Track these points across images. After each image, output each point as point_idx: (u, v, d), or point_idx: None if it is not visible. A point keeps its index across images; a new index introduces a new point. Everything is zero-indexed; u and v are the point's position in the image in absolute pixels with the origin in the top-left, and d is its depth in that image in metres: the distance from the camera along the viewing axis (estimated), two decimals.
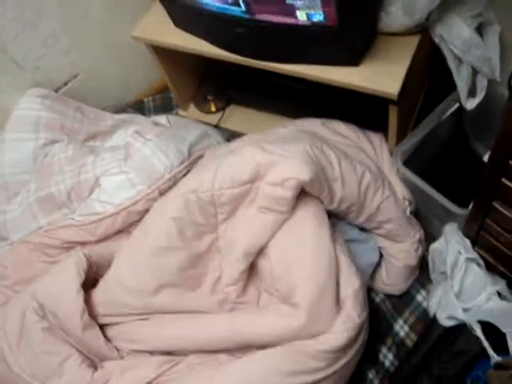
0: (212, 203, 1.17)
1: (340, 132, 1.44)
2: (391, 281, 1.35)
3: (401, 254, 1.33)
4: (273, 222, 1.15)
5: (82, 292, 1.16)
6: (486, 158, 1.42)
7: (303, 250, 1.12)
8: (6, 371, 1.17)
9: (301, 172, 1.08)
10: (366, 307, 1.12)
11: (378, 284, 1.38)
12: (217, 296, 1.22)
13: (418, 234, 1.34)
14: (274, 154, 1.13)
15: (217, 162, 1.18)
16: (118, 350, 1.21)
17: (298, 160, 1.11)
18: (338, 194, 1.20)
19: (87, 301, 1.18)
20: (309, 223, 1.15)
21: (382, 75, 1.19)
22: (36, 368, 1.16)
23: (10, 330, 1.18)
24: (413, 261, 1.33)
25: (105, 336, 1.20)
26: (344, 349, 1.07)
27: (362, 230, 1.34)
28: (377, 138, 1.43)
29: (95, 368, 1.18)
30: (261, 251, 1.19)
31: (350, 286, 1.11)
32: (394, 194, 1.32)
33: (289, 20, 1.14)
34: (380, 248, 1.36)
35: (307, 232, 1.14)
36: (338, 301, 1.11)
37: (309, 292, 1.08)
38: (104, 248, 1.30)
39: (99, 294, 1.21)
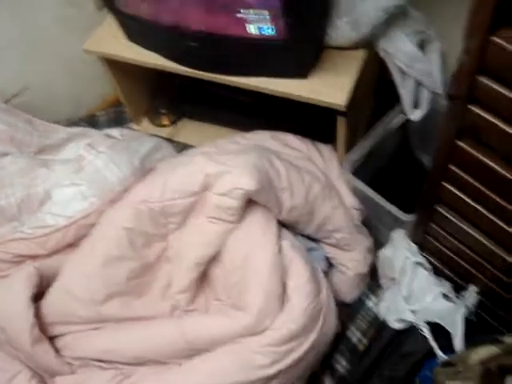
0: (163, 213, 1.19)
1: (290, 144, 1.47)
2: (343, 289, 1.37)
3: (351, 262, 1.35)
4: (222, 232, 1.17)
5: (32, 306, 1.14)
6: (427, 164, 1.48)
7: (252, 256, 1.15)
8: None
9: (247, 182, 1.11)
10: (315, 299, 1.13)
11: None
12: (167, 302, 1.22)
13: (367, 242, 1.38)
14: (222, 165, 1.15)
15: (166, 173, 1.20)
16: (68, 363, 1.19)
17: (245, 171, 1.13)
18: (286, 204, 1.22)
19: (38, 315, 1.16)
20: (256, 228, 1.18)
21: (329, 87, 1.23)
22: None
23: None
24: (363, 269, 1.37)
25: (55, 349, 1.18)
26: (288, 341, 1.08)
27: (311, 239, 1.37)
28: (326, 149, 1.47)
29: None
30: (213, 259, 1.20)
31: (297, 279, 1.14)
32: (343, 204, 1.36)
33: (240, 34, 1.17)
34: (330, 258, 1.38)
35: (254, 236, 1.17)
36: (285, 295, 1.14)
37: (258, 296, 1.11)
38: (55, 261, 1.27)
39: (47, 304, 1.19)
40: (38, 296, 1.19)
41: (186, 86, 1.61)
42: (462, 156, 0.89)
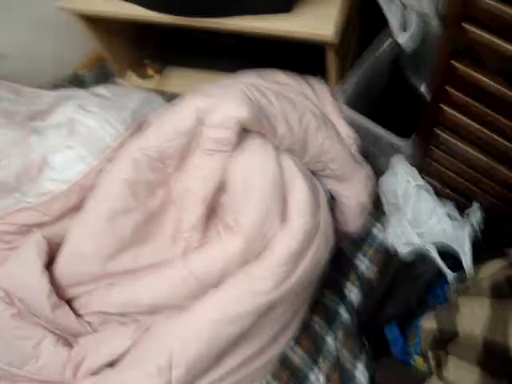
0: (160, 158, 1.19)
1: (279, 81, 1.45)
2: (346, 219, 1.39)
3: (350, 192, 1.36)
4: (221, 162, 1.18)
5: (45, 274, 1.16)
6: (422, 89, 1.47)
7: (252, 177, 1.16)
8: None
9: (239, 110, 1.10)
10: (313, 216, 1.15)
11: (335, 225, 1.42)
12: (179, 245, 1.24)
13: (364, 170, 1.38)
14: (212, 97, 1.15)
15: (159, 119, 1.21)
16: (88, 322, 1.22)
17: (236, 100, 1.12)
18: (279, 131, 1.21)
19: (52, 281, 1.18)
20: (253, 151, 1.18)
21: (315, 19, 1.20)
22: (11, 355, 1.15)
23: None
24: (363, 197, 1.38)
25: (74, 311, 1.21)
26: (289, 261, 1.11)
27: None
28: (317, 82, 1.45)
29: (70, 346, 1.19)
30: (219, 190, 1.21)
31: (296, 195, 1.16)
32: (338, 135, 1.36)
33: None
34: (330, 190, 1.39)
35: (252, 158, 1.18)
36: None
37: (250, 216, 1.13)
38: (61, 227, 1.28)
39: (59, 268, 1.20)
40: (48, 263, 1.20)
41: (168, 33, 1.57)
42: (459, 76, 0.88)
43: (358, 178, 1.36)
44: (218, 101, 1.13)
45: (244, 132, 1.16)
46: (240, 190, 1.17)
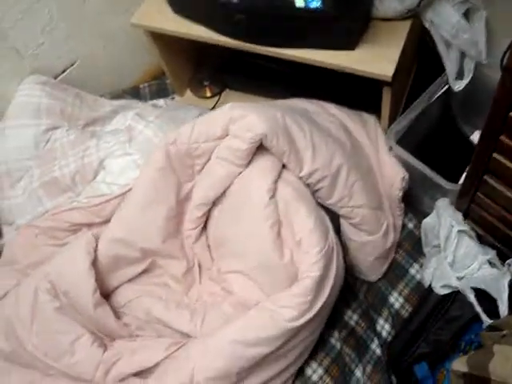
0: (189, 155, 1.24)
1: (327, 109, 1.48)
2: (365, 272, 1.40)
3: (369, 247, 1.35)
4: (226, 174, 1.22)
5: (92, 271, 1.19)
6: (472, 137, 1.50)
7: (243, 206, 1.21)
8: (19, 349, 1.20)
9: (258, 126, 1.13)
10: (327, 242, 1.15)
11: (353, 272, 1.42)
12: (179, 238, 1.31)
13: (385, 222, 1.36)
14: (244, 110, 1.18)
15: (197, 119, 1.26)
16: (126, 325, 1.26)
17: (261, 116, 1.15)
18: (307, 163, 1.22)
19: (97, 280, 1.21)
20: (255, 177, 1.21)
21: (376, 58, 1.24)
22: (49, 347, 1.18)
23: (23, 310, 1.20)
24: (382, 251, 1.37)
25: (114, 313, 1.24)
26: (313, 289, 1.11)
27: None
28: (371, 118, 1.49)
29: (105, 348, 1.21)
30: (218, 199, 1.27)
31: (302, 226, 1.16)
32: (378, 176, 1.39)
33: (287, 6, 1.19)
34: (350, 240, 1.36)
35: (251, 181, 1.21)
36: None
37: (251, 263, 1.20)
38: None
39: (98, 258, 1.25)
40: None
41: (229, 57, 1.64)
42: None
43: (379, 232, 1.34)
44: (247, 113, 1.16)
45: (262, 151, 1.20)
46: (230, 212, 1.23)
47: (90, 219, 1.33)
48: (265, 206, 1.17)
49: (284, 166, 1.23)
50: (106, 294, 1.27)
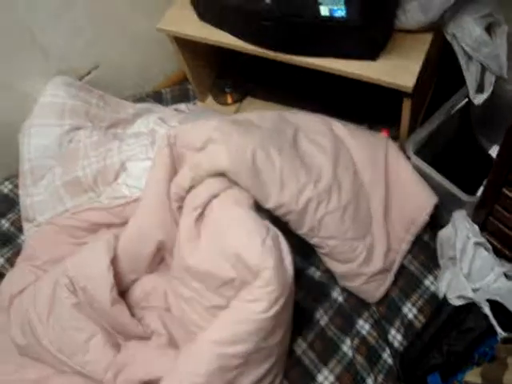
0: (178, 157, 1.29)
1: (335, 132, 1.42)
2: (360, 296, 1.37)
3: (349, 274, 1.34)
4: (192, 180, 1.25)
5: (111, 269, 1.21)
6: (491, 151, 1.50)
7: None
8: (34, 343, 1.23)
9: (222, 163, 1.19)
10: (269, 231, 1.13)
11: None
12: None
13: (364, 251, 1.33)
14: (222, 135, 1.21)
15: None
16: (142, 324, 1.27)
17: (231, 151, 1.19)
18: (273, 197, 1.23)
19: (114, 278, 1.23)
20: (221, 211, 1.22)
21: (398, 69, 1.26)
22: (63, 342, 1.21)
23: (40, 304, 1.23)
24: (367, 278, 1.34)
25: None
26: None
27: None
28: (390, 142, 1.46)
29: (119, 348, 1.23)
30: None
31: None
32: (377, 199, 1.37)
33: (312, 15, 1.21)
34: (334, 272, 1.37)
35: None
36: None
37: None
38: None
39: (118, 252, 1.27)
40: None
41: (251, 64, 1.66)
42: None
43: (357, 261, 1.32)
44: (220, 142, 1.21)
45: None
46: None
47: (110, 220, 1.36)
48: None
49: None
50: (123, 292, 1.29)
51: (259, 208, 1.24)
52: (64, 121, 1.49)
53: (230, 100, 1.76)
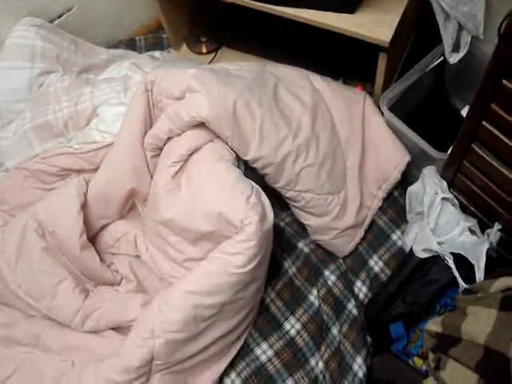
0: (156, 105, 1.27)
1: (315, 85, 1.41)
2: (330, 249, 1.40)
3: (320, 228, 1.36)
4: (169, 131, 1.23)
5: (81, 214, 1.21)
6: (463, 111, 1.52)
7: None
8: (2, 287, 1.22)
9: (204, 110, 1.15)
10: (253, 189, 1.14)
11: None
12: None
13: (338, 205, 1.35)
14: (202, 85, 1.17)
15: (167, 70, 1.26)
16: (111, 271, 1.28)
17: (212, 99, 1.15)
18: (252, 149, 1.22)
19: (84, 223, 1.23)
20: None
21: (375, 23, 1.25)
22: (31, 286, 1.20)
23: (9, 247, 1.22)
24: (338, 232, 1.36)
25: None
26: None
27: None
28: (361, 95, 1.46)
29: (87, 294, 1.23)
30: None
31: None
32: (353, 156, 1.38)
33: None
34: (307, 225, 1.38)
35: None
36: None
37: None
38: None
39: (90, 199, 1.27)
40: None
41: (227, 14, 1.63)
42: (508, 96, 0.92)
43: (332, 213, 1.34)
44: (203, 91, 1.16)
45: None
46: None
47: (80, 165, 1.34)
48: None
49: None
50: (93, 238, 1.29)
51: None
52: (34, 64, 1.44)
53: (204, 49, 1.73)
